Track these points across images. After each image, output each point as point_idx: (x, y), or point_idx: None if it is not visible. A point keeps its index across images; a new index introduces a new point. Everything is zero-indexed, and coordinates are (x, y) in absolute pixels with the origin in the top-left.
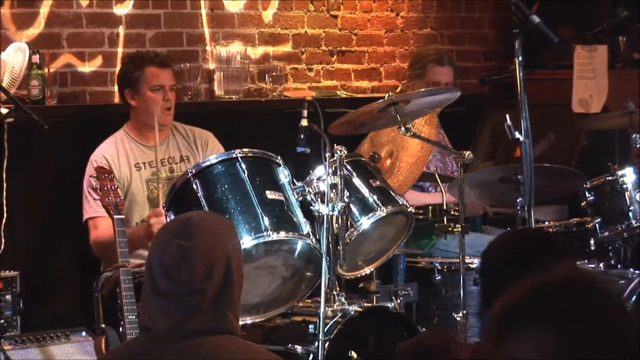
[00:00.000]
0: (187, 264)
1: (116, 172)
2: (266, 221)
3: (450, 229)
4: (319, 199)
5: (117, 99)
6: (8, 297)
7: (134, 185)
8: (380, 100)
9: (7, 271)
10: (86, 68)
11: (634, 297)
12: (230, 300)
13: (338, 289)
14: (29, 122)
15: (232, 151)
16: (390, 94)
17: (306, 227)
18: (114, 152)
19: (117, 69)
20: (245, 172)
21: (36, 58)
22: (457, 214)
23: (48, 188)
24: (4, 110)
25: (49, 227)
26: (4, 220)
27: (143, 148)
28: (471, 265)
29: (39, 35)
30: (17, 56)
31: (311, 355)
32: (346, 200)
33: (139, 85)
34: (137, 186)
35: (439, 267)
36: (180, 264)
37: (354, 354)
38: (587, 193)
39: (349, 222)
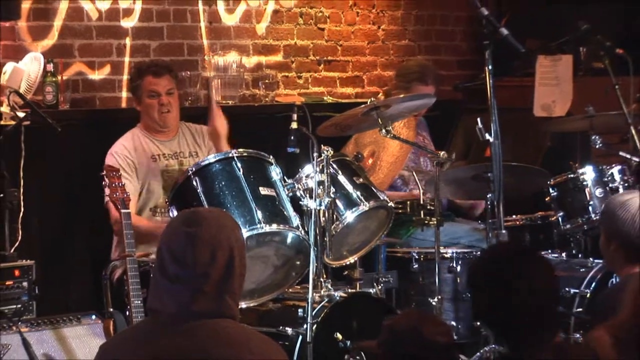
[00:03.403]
0: (193, 249)
1: (136, 162)
2: (260, 215)
3: (426, 221)
4: (307, 195)
5: (124, 104)
6: (24, 284)
7: (151, 175)
8: (363, 105)
9: (23, 260)
10: (96, 76)
11: (593, 284)
12: (231, 287)
13: (325, 276)
14: (44, 125)
15: (229, 151)
16: (372, 99)
17: (296, 220)
18: (132, 145)
19: (125, 77)
20: (241, 170)
21: (50, 67)
22: (432, 208)
23: (61, 185)
24: (21, 114)
25: (62, 220)
26: (21, 215)
27: (157, 142)
28: (445, 255)
29: (52, 46)
30: (33, 65)
31: (300, 337)
32: (332, 195)
33: (139, 92)
34: (154, 176)
35: (416, 257)
36: (187, 249)
37: (339, 335)
38: (551, 189)
39: (334, 216)
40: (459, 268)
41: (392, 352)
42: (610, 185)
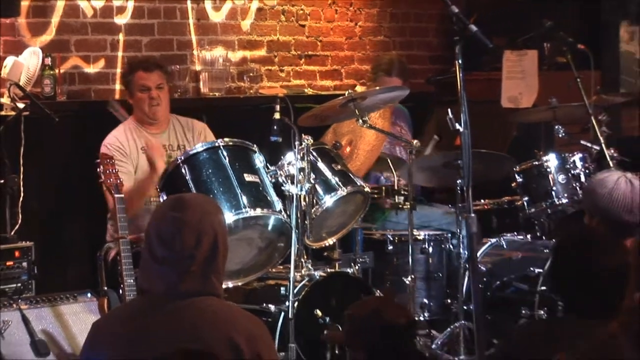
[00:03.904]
0: (180, 233)
1: (127, 154)
2: (245, 200)
3: (400, 206)
4: (289, 181)
5: (117, 96)
6: (24, 264)
7: (140, 165)
8: (341, 97)
9: (23, 242)
10: (91, 69)
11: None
12: (215, 267)
13: (305, 257)
14: (42, 115)
15: (215, 140)
16: (349, 91)
17: (278, 205)
18: (124, 137)
19: (118, 70)
20: (227, 158)
21: (48, 60)
22: (406, 193)
23: (58, 171)
24: (21, 105)
25: (59, 204)
26: (21, 199)
27: (148, 135)
28: (418, 237)
29: (50, 41)
30: (32, 59)
31: (282, 313)
32: (312, 181)
33: (131, 87)
34: (143, 166)
35: (391, 239)
36: (174, 233)
37: (318, 312)
38: (517, 175)
39: (314, 200)
40: (430, 249)
41: (358, 339)
42: (572, 172)
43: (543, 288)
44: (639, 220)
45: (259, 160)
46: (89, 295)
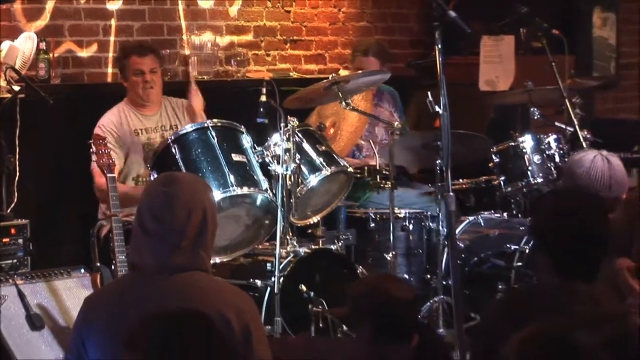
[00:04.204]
0: (171, 208)
1: (120, 136)
2: (232, 179)
3: (382, 185)
4: (275, 161)
5: (109, 79)
6: (20, 241)
7: (132, 148)
8: (325, 80)
9: (19, 220)
10: (84, 53)
11: (531, 242)
12: (204, 243)
13: (291, 234)
14: (37, 98)
15: (204, 121)
16: (333, 75)
17: (265, 184)
18: (118, 119)
19: (110, 55)
20: (215, 138)
21: (43, 45)
22: (387, 173)
23: (52, 152)
24: (17, 88)
25: (54, 184)
26: (17, 178)
27: (141, 117)
28: (399, 215)
29: (45, 27)
30: (27, 43)
31: (268, 288)
32: (297, 161)
33: (125, 71)
34: (135, 148)
35: (373, 217)
36: (166, 208)
37: (303, 287)
38: (494, 156)
39: (299, 180)
40: (411, 227)
41: (363, 316)
42: (547, 152)
43: (519, 264)
44: (617, 195)
45: (246, 140)
46: (82, 270)
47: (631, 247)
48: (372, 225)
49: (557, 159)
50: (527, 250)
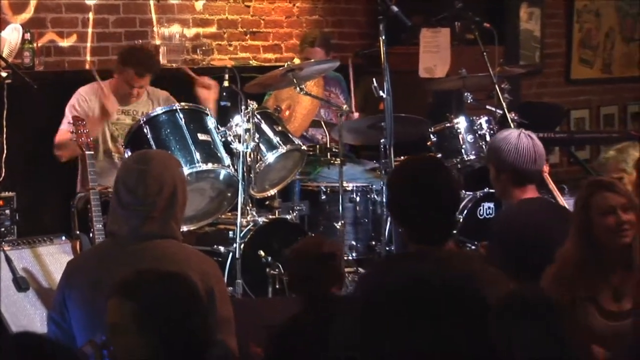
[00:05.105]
0: (143, 182)
1: (92, 107)
2: (198, 156)
3: (332, 161)
4: (236, 140)
5: (88, 66)
6: (7, 211)
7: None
8: (282, 68)
9: (6, 192)
10: (65, 43)
11: (465, 212)
12: (174, 213)
13: (250, 205)
14: (23, 83)
15: (173, 105)
16: (288, 63)
17: (227, 160)
18: (93, 94)
19: (88, 45)
20: (183, 120)
21: (28, 36)
22: (337, 150)
23: (36, 131)
24: (4, 74)
25: (38, 159)
26: (4, 155)
27: (116, 101)
28: (347, 188)
29: (29, 19)
30: (13, 34)
31: (231, 254)
32: (256, 140)
33: (120, 71)
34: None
35: (324, 190)
36: (139, 183)
37: (261, 253)
38: (432, 136)
39: (258, 157)
40: (358, 199)
41: (300, 269)
42: (479, 132)
43: (454, 232)
44: (540, 168)
45: (210, 122)
46: (63, 238)
47: None
48: (323, 197)
49: (487, 138)
50: (460, 220)
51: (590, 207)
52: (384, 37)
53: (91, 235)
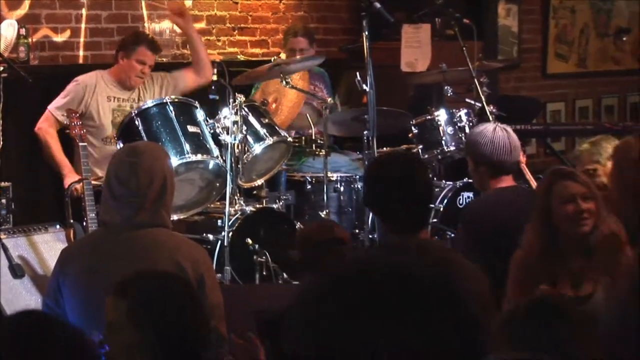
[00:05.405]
0: (135, 175)
1: (92, 95)
2: (188, 147)
3: (317, 152)
4: (224, 132)
5: (81, 61)
6: (3, 201)
7: (101, 109)
8: (268, 63)
9: (2, 182)
10: (59, 38)
11: (445, 201)
12: (165, 203)
13: (238, 195)
14: (18, 77)
15: (163, 97)
16: (275, 58)
17: (216, 151)
18: (94, 82)
19: (82, 40)
20: (173, 112)
21: (23, 31)
22: (322, 142)
23: (32, 123)
24: (0, 68)
25: (33, 151)
26: (0, 147)
27: (116, 89)
28: (332, 178)
29: (24, 15)
30: (9, 30)
31: (219, 242)
32: (244, 132)
33: (130, 53)
34: (105, 111)
35: (309, 180)
36: (130, 175)
37: (249, 241)
38: (413, 128)
39: (246, 148)
40: (342, 188)
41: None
42: (458, 124)
43: (434, 220)
44: (516, 159)
45: (200, 114)
46: (57, 226)
47: None
48: (309, 187)
49: (467, 130)
50: (441, 209)
51: (551, 195)
52: (367, 33)
53: (84, 223)
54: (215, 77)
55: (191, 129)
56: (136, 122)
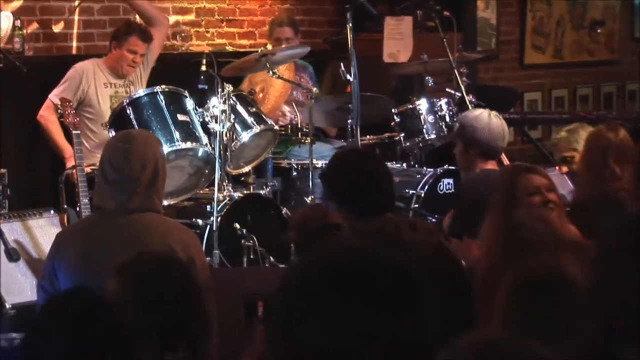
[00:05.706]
0: (128, 161)
1: (89, 81)
2: (178, 135)
3: (303, 140)
4: (213, 120)
5: (74, 52)
6: None
7: (100, 95)
8: (255, 53)
9: None
10: (53, 30)
11: (426, 187)
12: (156, 189)
13: (227, 181)
14: (14, 67)
15: (154, 87)
16: (262, 49)
17: (205, 139)
18: (91, 68)
19: (75, 31)
20: (163, 101)
21: (18, 23)
22: (307, 130)
23: (27, 112)
24: None
25: (29, 138)
26: None
27: (110, 77)
28: (317, 165)
29: (20, 7)
30: (4, 21)
31: (208, 226)
32: (232, 121)
33: (122, 43)
34: (102, 98)
35: (295, 167)
36: (123, 161)
37: (237, 225)
38: (395, 116)
39: (234, 136)
40: None
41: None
42: (439, 113)
43: (416, 206)
44: (505, 145)
45: (189, 103)
46: (52, 212)
47: None
48: (295, 174)
49: (447, 119)
50: (422, 195)
51: (516, 188)
52: (350, 25)
53: (78, 209)
54: (204, 68)
55: (181, 117)
56: (127, 111)
